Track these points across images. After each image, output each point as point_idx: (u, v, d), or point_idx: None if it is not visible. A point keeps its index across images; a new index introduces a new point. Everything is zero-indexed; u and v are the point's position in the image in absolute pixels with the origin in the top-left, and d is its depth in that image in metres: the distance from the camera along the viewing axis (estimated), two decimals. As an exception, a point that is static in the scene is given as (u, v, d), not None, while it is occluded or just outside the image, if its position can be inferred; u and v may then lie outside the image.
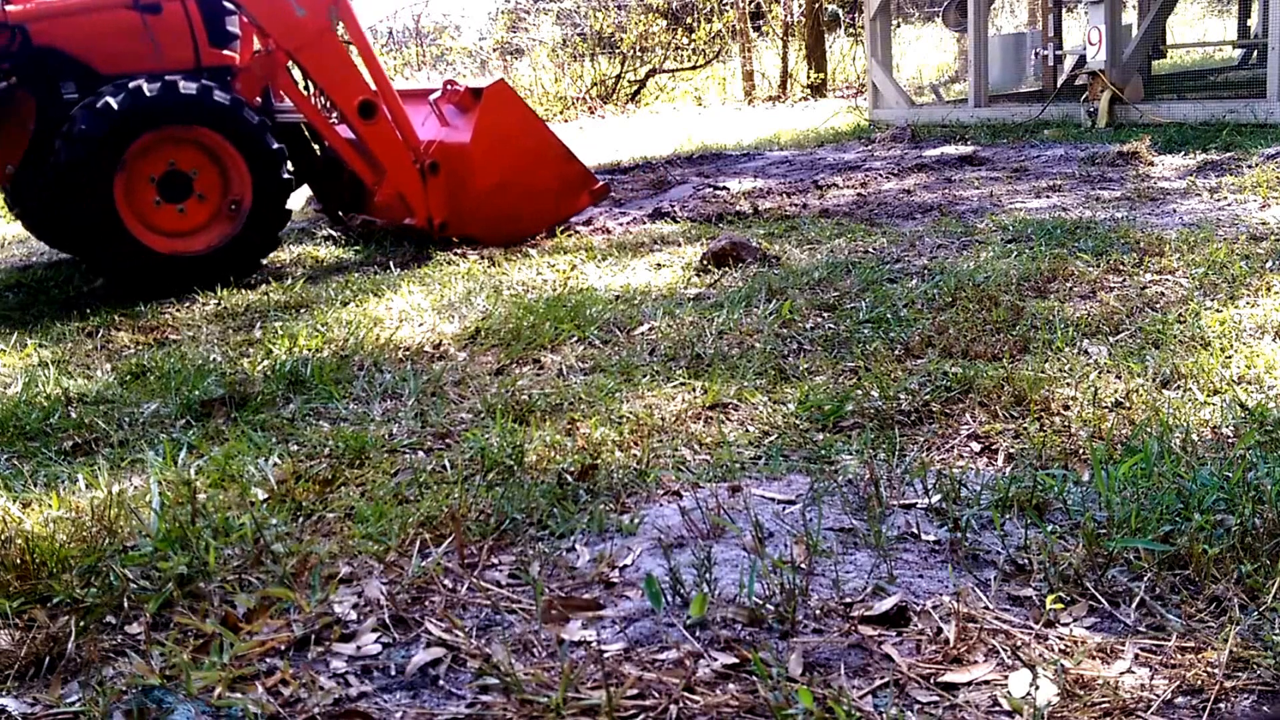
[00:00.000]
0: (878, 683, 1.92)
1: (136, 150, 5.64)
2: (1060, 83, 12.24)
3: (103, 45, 5.82)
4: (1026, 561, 2.30)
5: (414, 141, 6.51)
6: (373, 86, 6.38)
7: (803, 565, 2.31)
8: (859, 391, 3.40)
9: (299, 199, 9.12)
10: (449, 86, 6.82)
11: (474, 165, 6.56)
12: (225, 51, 6.20)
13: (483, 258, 6.10)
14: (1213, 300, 4.23)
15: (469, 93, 6.72)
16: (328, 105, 6.51)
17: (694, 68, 19.62)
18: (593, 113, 17.74)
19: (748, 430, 3.21)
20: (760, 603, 2.14)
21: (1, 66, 5.69)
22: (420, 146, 6.51)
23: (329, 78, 6.26)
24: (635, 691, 1.90)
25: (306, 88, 6.60)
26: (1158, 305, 4.23)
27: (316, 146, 7.11)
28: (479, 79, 10.16)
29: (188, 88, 5.68)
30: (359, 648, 2.09)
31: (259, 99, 6.36)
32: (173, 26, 5.95)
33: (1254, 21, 14.82)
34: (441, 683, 1.98)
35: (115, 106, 5.49)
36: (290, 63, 6.29)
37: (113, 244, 5.60)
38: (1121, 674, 1.92)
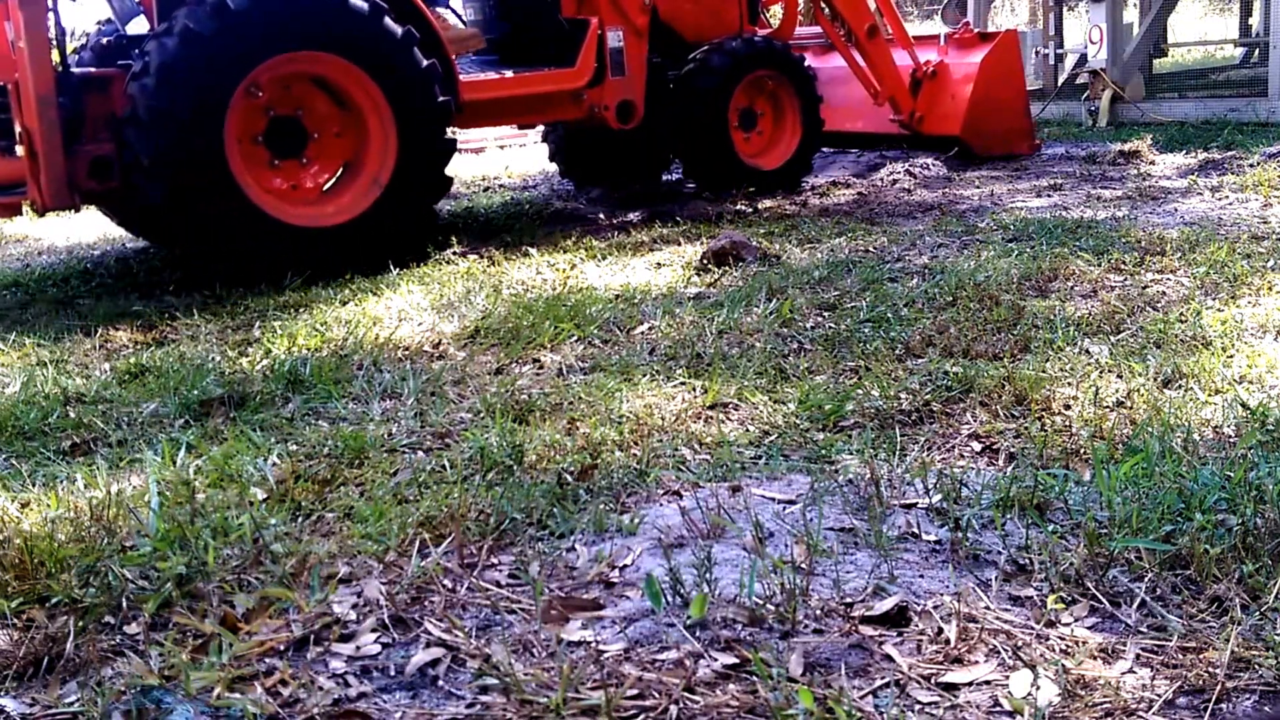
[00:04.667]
0: (878, 683, 1.91)
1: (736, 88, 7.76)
2: (1061, 81, 12.23)
3: (692, 20, 7.81)
4: (1027, 561, 2.30)
5: (914, 59, 8.75)
6: (876, 16, 8.59)
7: (803, 565, 2.30)
8: (859, 391, 3.40)
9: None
10: (961, 29, 9.15)
11: (971, 82, 8.56)
12: (753, 26, 8.25)
13: (482, 257, 6.10)
14: (1214, 299, 4.22)
15: (977, 35, 9.07)
16: (844, 31, 8.73)
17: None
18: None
19: (748, 430, 3.21)
20: (760, 603, 2.14)
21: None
22: (918, 62, 8.73)
23: (849, 9, 8.50)
24: (635, 691, 1.89)
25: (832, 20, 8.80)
26: (1159, 304, 4.22)
27: None
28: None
29: (764, 43, 7.92)
30: (358, 648, 2.08)
31: None
32: (730, 8, 7.99)
33: (1255, 20, 14.80)
34: (441, 683, 1.98)
35: (732, 54, 7.62)
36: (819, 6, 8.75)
37: (720, 154, 7.72)
38: (1123, 674, 1.91)
